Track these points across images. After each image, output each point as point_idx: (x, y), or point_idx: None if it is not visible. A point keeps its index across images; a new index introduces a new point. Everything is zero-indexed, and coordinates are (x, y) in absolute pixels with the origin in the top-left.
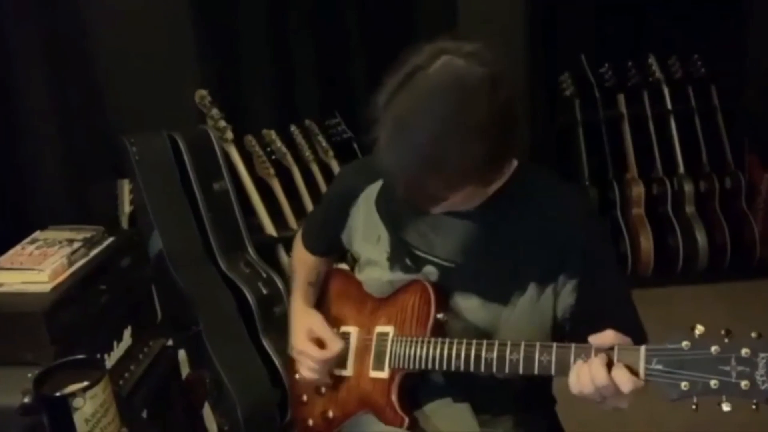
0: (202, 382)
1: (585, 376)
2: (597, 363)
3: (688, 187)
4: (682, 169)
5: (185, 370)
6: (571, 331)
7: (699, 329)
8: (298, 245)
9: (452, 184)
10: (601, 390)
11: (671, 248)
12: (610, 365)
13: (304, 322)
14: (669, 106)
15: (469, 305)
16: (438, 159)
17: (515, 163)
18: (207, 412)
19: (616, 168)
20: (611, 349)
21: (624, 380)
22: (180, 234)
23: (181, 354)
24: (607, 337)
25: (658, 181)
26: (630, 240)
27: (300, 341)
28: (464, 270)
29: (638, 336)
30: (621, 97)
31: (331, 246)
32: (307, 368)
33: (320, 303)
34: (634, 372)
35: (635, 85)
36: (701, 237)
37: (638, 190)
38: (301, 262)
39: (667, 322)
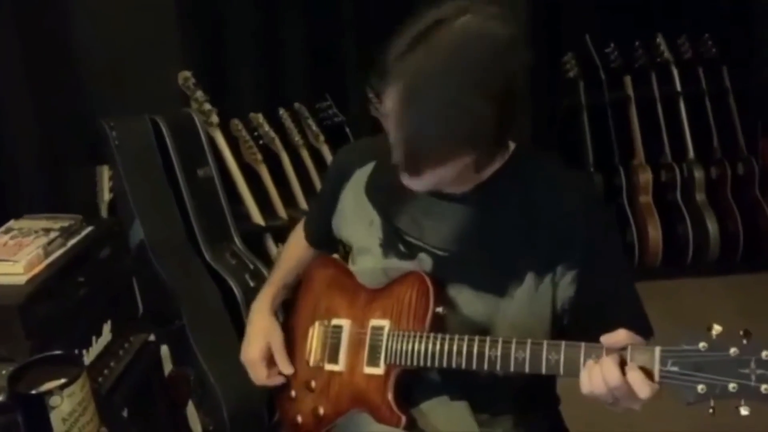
0: (186, 379)
1: (597, 376)
2: (609, 363)
3: (699, 174)
4: (692, 154)
5: (168, 367)
6: (570, 324)
7: (716, 329)
8: (298, 233)
9: (454, 150)
10: (614, 391)
11: (680, 238)
12: (622, 365)
13: (264, 335)
14: (678, 88)
15: (464, 297)
16: (452, 117)
17: (512, 146)
18: (191, 410)
19: (622, 153)
20: (624, 349)
21: (640, 383)
22: (162, 223)
23: (164, 350)
24: (619, 336)
25: (666, 167)
26: (637, 229)
27: (252, 354)
28: (458, 259)
29: (643, 332)
30: (627, 79)
31: (328, 234)
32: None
33: (308, 293)
34: (647, 373)
35: (642, 66)
36: (712, 226)
37: (646, 177)
38: (291, 255)
39: (675, 316)
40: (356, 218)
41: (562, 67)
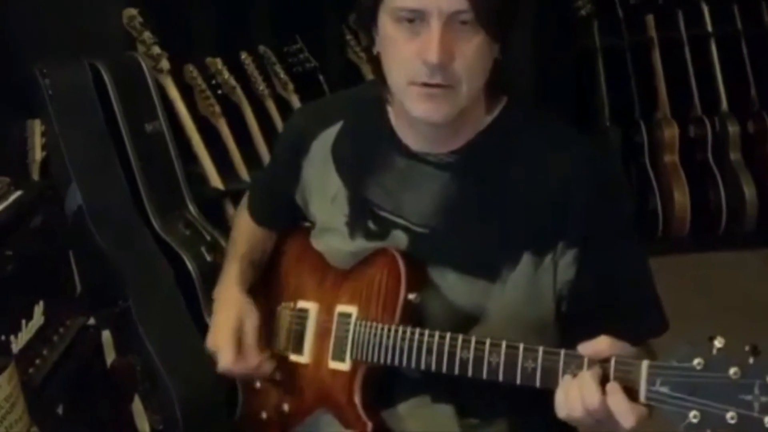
0: (131, 370)
1: (574, 396)
2: (588, 380)
3: (733, 129)
4: (725, 106)
5: (110, 356)
6: (569, 314)
7: (719, 342)
8: (243, 214)
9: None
10: (593, 414)
11: (712, 204)
12: (604, 383)
13: (237, 311)
14: (709, 28)
15: (448, 282)
16: None
17: (503, 100)
18: (137, 406)
19: (643, 105)
20: (607, 361)
21: (622, 409)
22: (104, 187)
23: (106, 335)
24: (600, 345)
25: (695, 121)
26: (661, 194)
27: (221, 335)
28: (440, 237)
29: (656, 327)
30: (650, 18)
31: (283, 213)
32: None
33: (276, 267)
34: (633, 393)
35: (667, 2)
36: (749, 190)
37: (671, 133)
38: (244, 235)
39: (706, 297)
40: (320, 191)
41: (573, 4)
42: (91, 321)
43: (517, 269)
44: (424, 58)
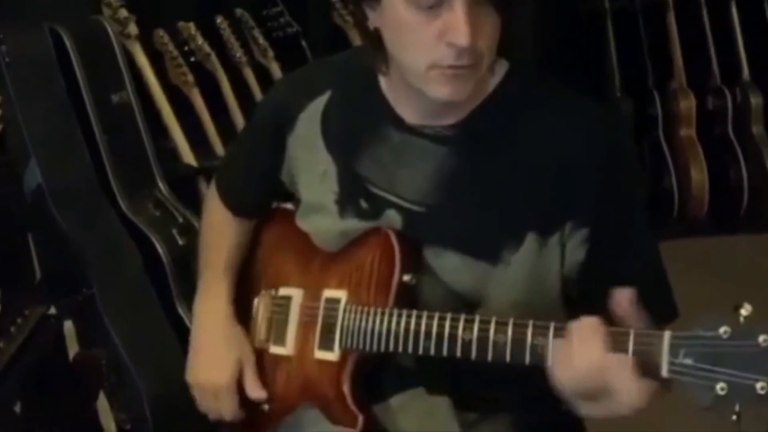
0: (96, 363)
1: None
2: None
3: (756, 100)
4: (747, 74)
5: (73, 349)
6: (576, 297)
7: (746, 310)
8: (215, 207)
9: None
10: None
11: (732, 182)
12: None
13: (232, 347)
14: None
15: (446, 264)
16: None
17: (505, 66)
18: (102, 404)
19: (657, 74)
20: (626, 334)
21: (629, 386)
22: (66, 163)
23: (68, 326)
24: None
25: (714, 91)
26: (677, 171)
27: (219, 376)
28: (437, 216)
29: (667, 313)
30: None
31: (265, 198)
32: (204, 408)
33: (255, 252)
34: (654, 367)
35: None
36: None
37: (688, 104)
38: (224, 236)
39: (726, 284)
40: (308, 168)
41: None
42: (52, 310)
43: (521, 251)
44: (451, 41)
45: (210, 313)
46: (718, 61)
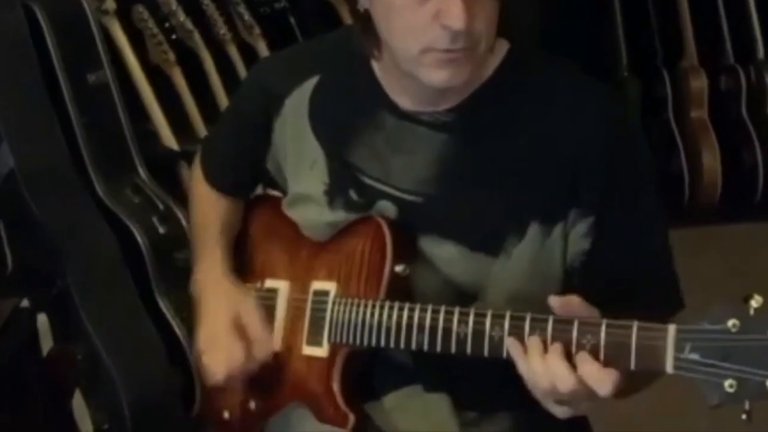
0: (72, 360)
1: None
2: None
3: None
4: (761, 53)
5: (47, 344)
6: (580, 288)
7: (756, 301)
8: (201, 183)
9: None
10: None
11: (746, 167)
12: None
13: (227, 306)
14: None
15: (444, 256)
16: None
17: (505, 45)
18: (78, 402)
19: (667, 52)
20: (627, 327)
21: (594, 375)
22: (40, 147)
23: (42, 320)
24: (572, 301)
25: (727, 70)
26: (687, 156)
27: (219, 332)
28: (435, 205)
29: (672, 305)
30: None
31: (252, 179)
32: (215, 371)
33: (241, 243)
34: (658, 362)
35: None
36: None
37: (699, 84)
38: (213, 210)
39: (739, 275)
40: (296, 158)
41: None
42: (25, 303)
43: (523, 242)
44: (446, 24)
45: (207, 279)
46: (732, 38)
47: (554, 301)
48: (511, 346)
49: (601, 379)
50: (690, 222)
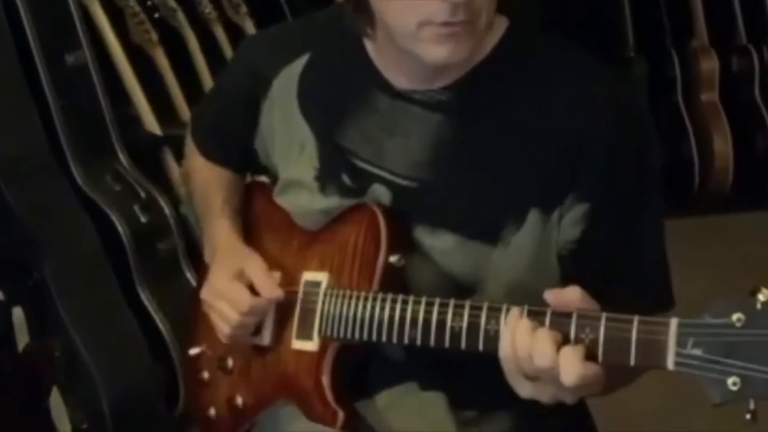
0: (49, 356)
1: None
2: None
3: None
4: None
5: (23, 339)
6: (567, 277)
7: (763, 295)
8: (197, 156)
9: None
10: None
11: (759, 153)
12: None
13: (233, 260)
14: None
15: (440, 245)
16: None
17: (505, 22)
18: (56, 400)
19: (676, 32)
20: (629, 321)
21: (570, 365)
22: (15, 132)
23: (17, 314)
24: (570, 294)
25: (739, 51)
26: (697, 140)
27: (221, 280)
28: (430, 191)
29: (662, 302)
30: None
31: (239, 158)
32: (225, 320)
33: None
34: (659, 357)
35: None
36: None
37: (710, 66)
38: (214, 181)
39: (751, 267)
40: (284, 141)
41: None
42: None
43: (522, 230)
44: None
45: (217, 244)
46: (744, 17)
47: (550, 295)
48: (510, 316)
49: (573, 369)
50: (700, 210)
